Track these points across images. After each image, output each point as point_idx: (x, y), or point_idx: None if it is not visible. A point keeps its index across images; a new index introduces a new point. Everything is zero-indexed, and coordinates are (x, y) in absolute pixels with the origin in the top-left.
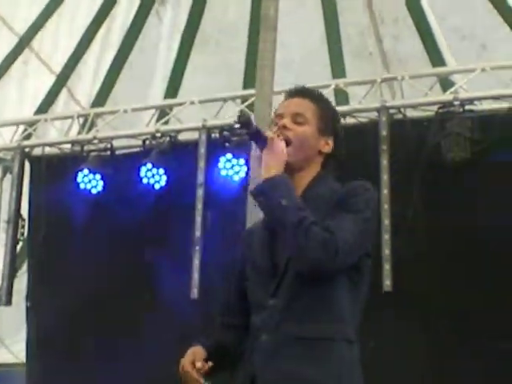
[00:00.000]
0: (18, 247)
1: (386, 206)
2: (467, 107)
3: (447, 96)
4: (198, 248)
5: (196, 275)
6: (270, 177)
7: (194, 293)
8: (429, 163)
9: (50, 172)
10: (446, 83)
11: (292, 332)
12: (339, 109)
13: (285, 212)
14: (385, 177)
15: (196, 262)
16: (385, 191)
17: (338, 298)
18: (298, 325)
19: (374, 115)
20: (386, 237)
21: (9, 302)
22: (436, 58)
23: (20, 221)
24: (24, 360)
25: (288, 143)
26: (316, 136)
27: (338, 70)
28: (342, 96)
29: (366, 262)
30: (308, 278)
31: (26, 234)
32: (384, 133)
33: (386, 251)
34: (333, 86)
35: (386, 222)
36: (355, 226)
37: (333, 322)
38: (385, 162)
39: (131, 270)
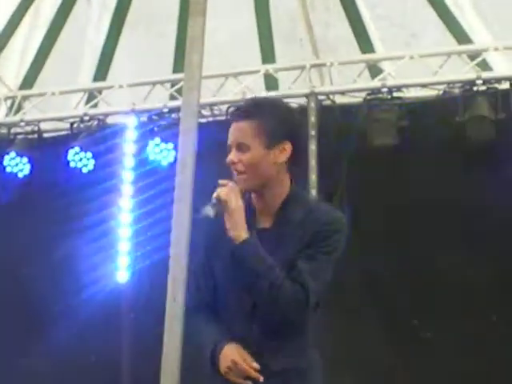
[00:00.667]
0: None
1: (313, 192)
2: (395, 94)
3: (375, 83)
4: (124, 230)
5: (123, 259)
6: (239, 242)
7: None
8: (356, 149)
9: None
10: (374, 70)
11: (270, 365)
12: (268, 94)
13: (257, 276)
14: (313, 162)
15: (122, 247)
16: (313, 177)
17: (305, 328)
18: (272, 357)
19: (303, 101)
20: None
21: None
22: (365, 45)
23: None
24: None
25: (242, 173)
26: (264, 154)
27: (267, 55)
28: (271, 81)
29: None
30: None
31: None
32: (313, 119)
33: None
34: (262, 72)
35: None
36: (326, 270)
37: (302, 350)
38: (313, 147)
39: (56, 254)
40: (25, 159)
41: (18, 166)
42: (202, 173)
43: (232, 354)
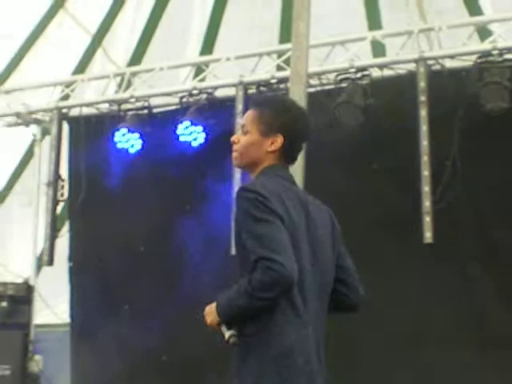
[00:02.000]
0: (59, 208)
1: (425, 158)
2: (506, 56)
3: (486, 45)
4: None
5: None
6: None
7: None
8: (467, 113)
9: (89, 132)
10: (483, 33)
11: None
12: (376, 61)
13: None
14: (424, 128)
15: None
16: (424, 143)
17: None
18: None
19: (411, 66)
20: (426, 189)
21: (51, 263)
22: (473, 7)
23: (60, 182)
24: (67, 320)
25: (236, 156)
26: (258, 140)
27: (374, 21)
28: (378, 48)
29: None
30: None
31: (66, 194)
32: (422, 84)
33: (426, 203)
34: (369, 39)
35: (426, 173)
36: (250, 249)
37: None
38: (423, 113)
39: (170, 226)
40: (136, 135)
41: (129, 141)
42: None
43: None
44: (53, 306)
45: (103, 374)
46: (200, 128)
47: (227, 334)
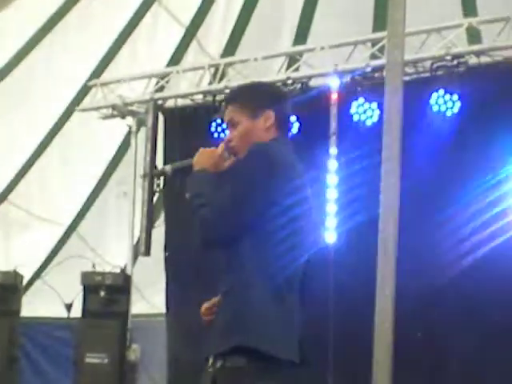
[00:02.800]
0: (155, 199)
1: None
2: None
3: None
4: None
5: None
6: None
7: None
8: None
9: (184, 123)
10: None
11: (219, 288)
12: (473, 48)
13: (190, 203)
14: None
15: (330, 208)
16: None
17: (239, 250)
18: (221, 281)
19: (509, 53)
20: None
21: (147, 253)
22: None
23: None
24: (163, 310)
25: (235, 153)
26: (253, 123)
27: (469, 8)
28: (474, 35)
29: (269, 210)
30: None
31: (161, 185)
32: None
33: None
34: (465, 25)
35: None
36: (231, 196)
37: (234, 272)
38: None
39: None
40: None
41: (226, 132)
42: None
43: None
44: (149, 296)
45: (199, 364)
46: (294, 118)
47: None
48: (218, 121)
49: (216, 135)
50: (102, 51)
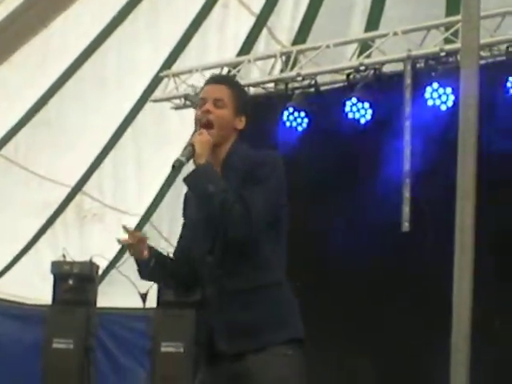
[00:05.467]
0: None
1: None
2: None
3: None
4: (407, 181)
5: (407, 208)
6: (198, 165)
7: (406, 226)
8: None
9: (256, 111)
10: None
11: (228, 285)
12: None
13: (211, 196)
14: None
15: (406, 195)
16: None
17: (260, 250)
18: (231, 278)
19: None
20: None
21: None
22: None
23: None
24: None
25: (211, 126)
26: (233, 117)
27: None
28: None
29: (282, 213)
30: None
31: None
32: None
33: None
34: None
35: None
36: (263, 196)
37: (259, 270)
38: None
39: (339, 206)
40: (302, 113)
41: (297, 120)
42: None
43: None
44: None
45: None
46: (367, 105)
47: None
48: (290, 109)
49: (288, 124)
50: (173, 41)
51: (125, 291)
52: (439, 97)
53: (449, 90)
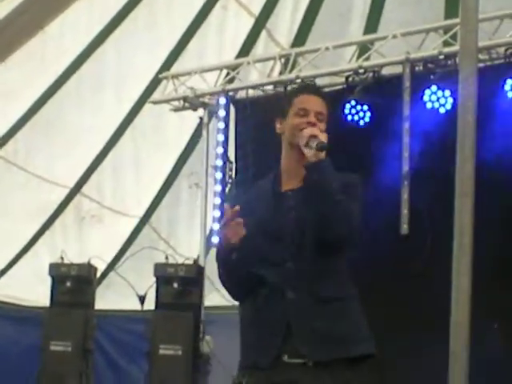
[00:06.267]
0: (227, 190)
1: None
2: None
3: None
4: (406, 183)
5: (405, 211)
6: (323, 159)
7: (405, 229)
8: None
9: (255, 114)
10: None
11: (317, 293)
12: None
13: (332, 193)
14: None
15: (405, 197)
16: None
17: (341, 265)
18: (318, 286)
19: None
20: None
21: None
22: None
23: (228, 164)
24: (235, 302)
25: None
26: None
27: None
28: None
29: None
30: (323, 248)
31: (233, 176)
32: None
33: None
34: None
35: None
36: (358, 211)
37: (341, 284)
38: None
39: None
40: None
41: None
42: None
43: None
44: (221, 288)
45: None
46: (366, 107)
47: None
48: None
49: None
50: (172, 43)
51: (123, 293)
52: (438, 99)
53: (447, 92)
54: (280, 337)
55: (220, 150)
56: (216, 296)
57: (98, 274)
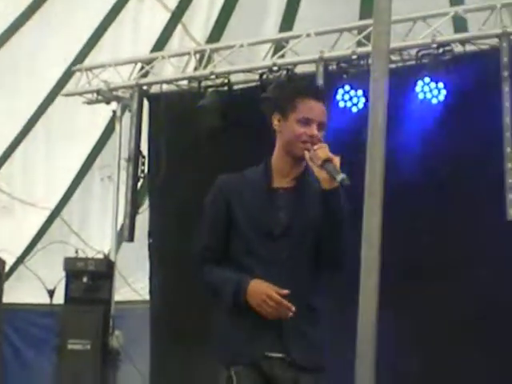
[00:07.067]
0: (139, 184)
1: (507, 134)
2: None
3: None
4: None
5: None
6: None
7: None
8: None
9: (169, 108)
10: None
11: (305, 298)
12: (458, 36)
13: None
14: (507, 104)
15: None
16: (507, 119)
17: (325, 277)
18: (304, 295)
19: (494, 42)
20: (510, 165)
21: (131, 239)
22: None
23: (140, 158)
24: (147, 297)
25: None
26: None
27: None
28: (460, 23)
29: None
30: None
31: (146, 170)
32: (505, 59)
33: (510, 180)
34: (451, 14)
35: (508, 149)
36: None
37: (322, 295)
38: (506, 89)
39: None
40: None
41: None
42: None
43: (263, 288)
44: (132, 283)
45: (182, 350)
46: None
47: (341, 174)
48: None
49: None
50: (86, 35)
51: (33, 287)
52: (350, 99)
53: (360, 92)
54: (271, 335)
55: (132, 143)
56: (128, 291)
57: (7, 268)
